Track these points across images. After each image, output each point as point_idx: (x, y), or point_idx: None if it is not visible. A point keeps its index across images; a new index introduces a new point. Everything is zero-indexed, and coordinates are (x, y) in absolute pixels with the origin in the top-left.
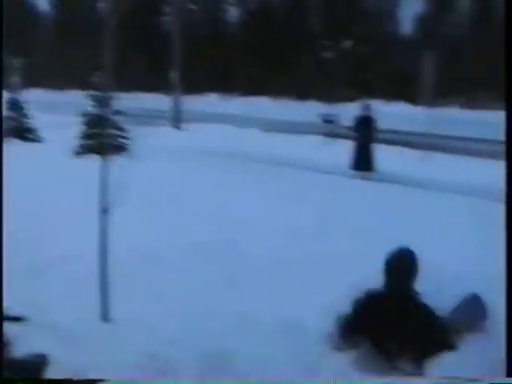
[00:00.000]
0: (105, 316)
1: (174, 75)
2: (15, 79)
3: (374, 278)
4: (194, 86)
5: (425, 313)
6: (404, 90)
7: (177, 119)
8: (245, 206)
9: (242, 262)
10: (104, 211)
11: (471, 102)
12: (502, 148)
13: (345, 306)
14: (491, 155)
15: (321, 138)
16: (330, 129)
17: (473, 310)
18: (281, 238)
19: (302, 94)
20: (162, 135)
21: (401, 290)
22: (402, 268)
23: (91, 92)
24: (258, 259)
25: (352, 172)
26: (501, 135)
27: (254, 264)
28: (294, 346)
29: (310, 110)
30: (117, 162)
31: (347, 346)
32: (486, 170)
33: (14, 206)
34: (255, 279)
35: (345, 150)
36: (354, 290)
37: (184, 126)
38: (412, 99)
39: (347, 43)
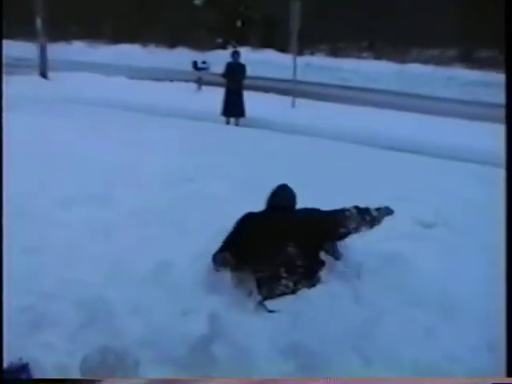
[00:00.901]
0: None
1: (39, 21)
2: None
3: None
4: (61, 33)
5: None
6: (272, 37)
7: (43, 67)
8: (115, 155)
9: (115, 211)
10: None
11: (337, 51)
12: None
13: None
14: (358, 101)
15: (192, 85)
16: (201, 76)
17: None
18: (153, 186)
19: (172, 42)
20: (29, 84)
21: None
22: (283, 202)
23: None
24: (130, 207)
25: (223, 118)
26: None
27: (126, 212)
28: (168, 291)
29: (181, 58)
30: None
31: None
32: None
33: None
34: (128, 227)
35: (216, 96)
36: (225, 232)
37: (51, 74)
38: (281, 47)
39: None
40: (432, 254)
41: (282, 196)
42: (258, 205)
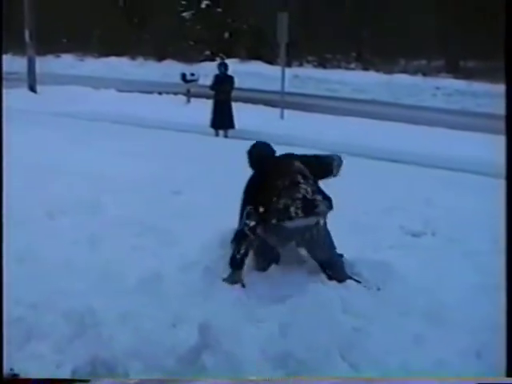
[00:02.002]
0: None
1: (27, 35)
2: None
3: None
4: (50, 46)
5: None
6: (260, 49)
7: (32, 81)
8: (103, 166)
9: (103, 221)
10: None
11: (325, 63)
12: (359, 105)
13: (205, 259)
14: (346, 112)
15: (180, 97)
16: (189, 88)
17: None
18: (141, 196)
19: (161, 54)
20: (18, 98)
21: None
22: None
23: None
24: (117, 217)
25: (212, 130)
26: (356, 93)
27: (113, 222)
28: (156, 301)
29: (169, 70)
30: None
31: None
32: (336, 126)
33: None
34: (115, 237)
35: (205, 108)
36: (212, 243)
37: (40, 88)
38: (269, 59)
39: (204, 2)
40: (420, 263)
41: (261, 147)
42: None
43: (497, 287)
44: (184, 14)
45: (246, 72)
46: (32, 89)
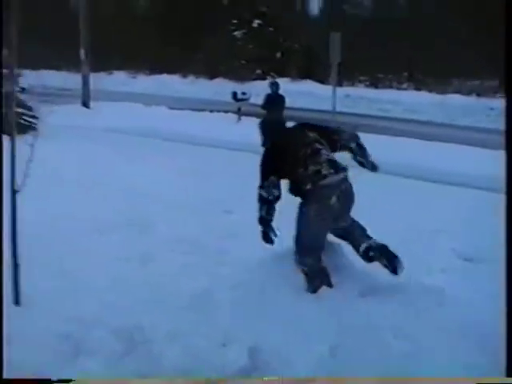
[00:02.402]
0: (16, 299)
1: (83, 53)
2: None
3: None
4: (103, 63)
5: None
6: (312, 68)
7: (85, 97)
8: (155, 183)
9: (154, 238)
10: (13, 191)
11: (377, 82)
12: (411, 126)
13: (256, 278)
14: (398, 132)
15: (231, 115)
16: (240, 106)
17: None
18: (192, 214)
19: (212, 73)
20: (72, 113)
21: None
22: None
23: None
24: (168, 235)
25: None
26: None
27: (164, 240)
28: (206, 319)
29: (220, 89)
30: (25, 141)
31: None
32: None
33: None
34: (166, 255)
35: (255, 127)
36: (263, 262)
37: (93, 104)
38: (320, 78)
39: (256, 22)
40: (472, 287)
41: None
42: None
43: None
44: (235, 33)
45: (298, 91)
46: (85, 105)
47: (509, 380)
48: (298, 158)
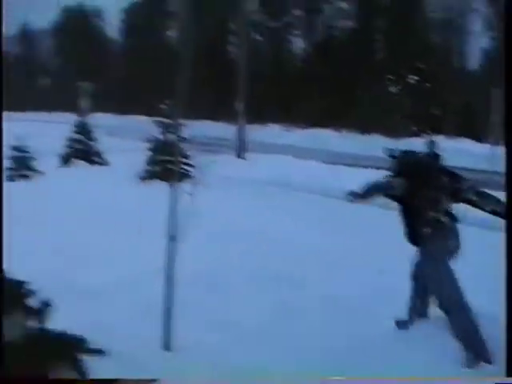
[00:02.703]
0: (167, 344)
1: (239, 105)
2: (84, 103)
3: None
4: (259, 116)
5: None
6: (469, 126)
7: (240, 148)
8: (309, 238)
9: (307, 294)
10: (172, 238)
11: None
12: None
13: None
14: None
15: (384, 172)
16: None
17: None
18: (345, 272)
19: (366, 128)
20: (226, 164)
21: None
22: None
23: (159, 118)
24: (322, 292)
25: None
26: None
27: (318, 297)
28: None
29: (374, 144)
30: (184, 189)
31: None
32: None
33: (78, 226)
34: (310, 308)
35: None
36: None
37: (247, 155)
38: (477, 136)
39: (413, 77)
40: None
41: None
42: None
43: None
44: (391, 89)
45: (453, 149)
46: (240, 156)
47: (509, 380)
48: (428, 198)
